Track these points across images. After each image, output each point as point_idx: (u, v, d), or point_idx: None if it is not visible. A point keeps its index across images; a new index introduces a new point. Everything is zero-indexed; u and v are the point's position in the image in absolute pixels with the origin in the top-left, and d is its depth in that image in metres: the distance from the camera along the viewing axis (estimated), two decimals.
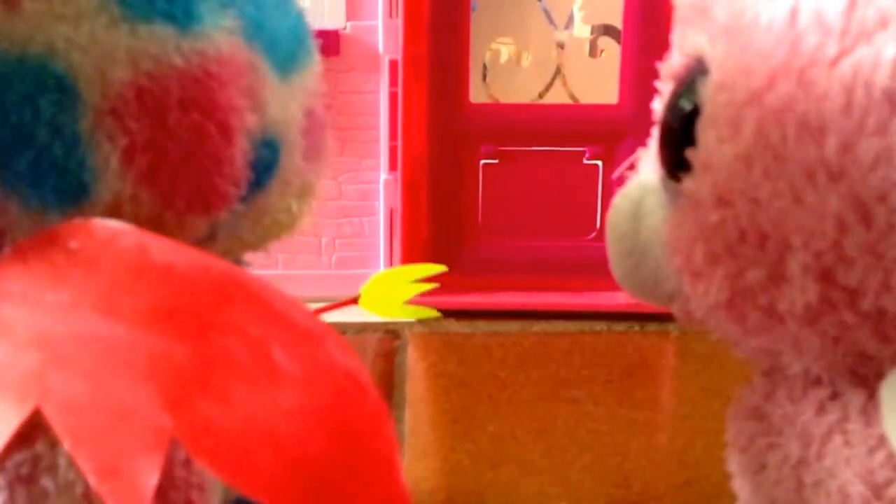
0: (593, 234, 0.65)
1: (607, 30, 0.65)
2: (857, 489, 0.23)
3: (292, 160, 0.27)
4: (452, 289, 0.60)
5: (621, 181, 0.29)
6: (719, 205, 0.23)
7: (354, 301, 0.34)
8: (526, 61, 0.67)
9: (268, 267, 0.30)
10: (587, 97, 0.66)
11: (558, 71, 0.66)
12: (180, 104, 0.23)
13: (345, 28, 0.62)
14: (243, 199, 0.26)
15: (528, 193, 0.65)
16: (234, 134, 0.24)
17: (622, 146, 0.63)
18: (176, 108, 0.23)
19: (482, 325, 0.62)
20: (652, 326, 0.61)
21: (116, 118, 0.22)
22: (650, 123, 0.27)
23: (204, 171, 0.24)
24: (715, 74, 0.24)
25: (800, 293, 0.22)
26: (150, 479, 0.17)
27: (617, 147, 0.63)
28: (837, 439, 0.23)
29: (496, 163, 0.64)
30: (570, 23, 0.66)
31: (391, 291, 0.34)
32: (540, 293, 0.64)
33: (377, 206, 0.65)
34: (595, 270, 0.63)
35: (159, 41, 0.23)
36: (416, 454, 0.46)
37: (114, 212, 0.23)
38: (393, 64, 0.62)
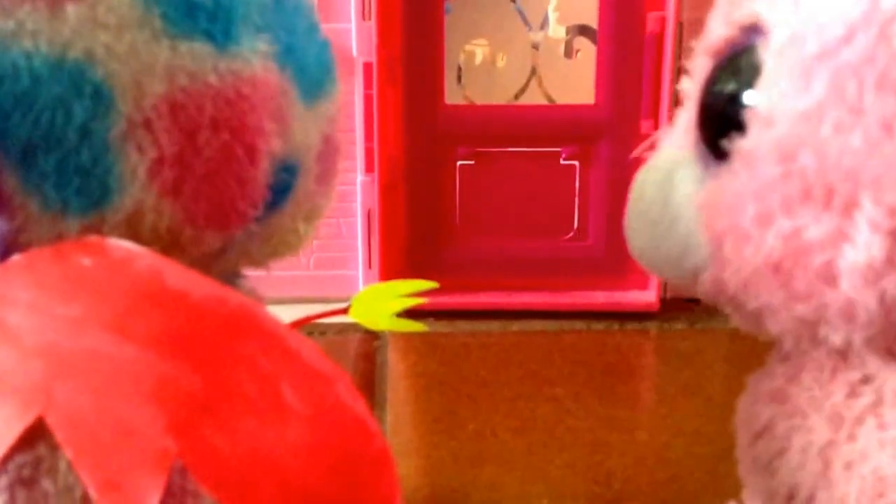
0: (571, 234, 0.65)
1: (582, 30, 0.65)
2: (893, 471, 0.23)
3: (306, 184, 0.27)
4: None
5: (640, 162, 0.28)
6: (782, 160, 0.23)
7: (344, 311, 0.34)
8: (501, 62, 0.67)
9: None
10: (563, 98, 0.66)
11: (534, 72, 0.67)
12: (211, 123, 0.23)
13: None
14: (258, 219, 0.26)
15: (506, 194, 0.65)
16: (260, 156, 0.25)
17: (599, 146, 0.63)
18: (207, 127, 0.23)
19: (462, 325, 0.62)
20: (631, 325, 0.61)
21: (148, 130, 0.23)
22: (627, 123, 0.27)
23: (226, 190, 0.24)
24: (778, 34, 0.23)
25: (864, 251, 0.21)
26: (152, 499, 0.18)
27: (594, 147, 0.63)
28: (871, 422, 0.23)
29: (473, 164, 0.64)
30: (544, 23, 0.66)
31: (381, 304, 0.34)
32: (519, 293, 0.64)
33: (354, 207, 0.65)
34: (574, 270, 0.63)
35: (197, 58, 0.23)
36: (398, 453, 0.46)
37: (134, 220, 0.23)
38: (367, 66, 0.62)
